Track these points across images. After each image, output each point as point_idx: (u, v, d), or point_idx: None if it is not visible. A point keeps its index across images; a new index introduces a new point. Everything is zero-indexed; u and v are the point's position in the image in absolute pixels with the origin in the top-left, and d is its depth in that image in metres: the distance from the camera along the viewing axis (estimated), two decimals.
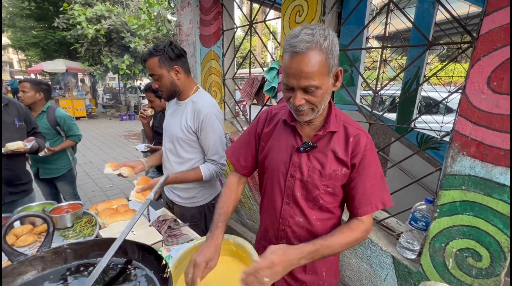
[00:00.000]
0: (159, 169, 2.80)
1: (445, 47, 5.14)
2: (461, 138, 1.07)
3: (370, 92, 5.37)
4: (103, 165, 5.35)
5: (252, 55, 2.06)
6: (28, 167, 1.99)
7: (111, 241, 0.71)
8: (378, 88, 1.86)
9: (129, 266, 0.68)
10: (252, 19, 1.94)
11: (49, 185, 2.54)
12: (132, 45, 9.22)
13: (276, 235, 1.00)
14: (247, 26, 2.00)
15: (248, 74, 2.11)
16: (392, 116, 4.57)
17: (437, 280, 1.20)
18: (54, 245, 0.70)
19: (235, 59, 2.33)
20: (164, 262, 0.65)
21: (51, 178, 2.47)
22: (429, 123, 4.32)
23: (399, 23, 4.07)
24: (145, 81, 19.33)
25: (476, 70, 1.01)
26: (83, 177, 4.70)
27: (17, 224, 1.37)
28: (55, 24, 10.25)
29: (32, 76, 13.06)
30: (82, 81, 12.71)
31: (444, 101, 3.84)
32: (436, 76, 6.74)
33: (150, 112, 2.25)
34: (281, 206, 0.94)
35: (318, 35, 0.69)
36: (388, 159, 3.86)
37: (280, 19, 1.73)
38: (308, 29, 0.70)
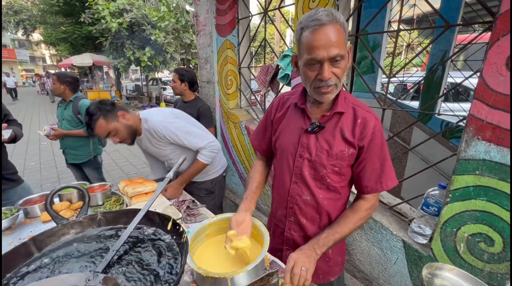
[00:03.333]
0: None
1: (481, 29, 4.75)
2: (477, 122, 1.05)
3: (392, 79, 5.12)
4: (129, 153, 5.70)
5: (268, 44, 2.07)
6: (10, 158, 1.94)
7: (136, 211, 0.81)
8: (400, 75, 1.80)
9: (155, 233, 0.78)
10: (266, 6, 1.95)
11: (79, 170, 2.79)
12: (152, 38, 9.46)
13: (285, 213, 1.06)
14: (263, 14, 2.01)
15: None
16: (416, 104, 4.38)
17: (448, 264, 1.21)
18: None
19: (253, 48, 2.35)
20: (181, 229, 0.73)
21: (78, 164, 2.71)
22: (456, 111, 4.09)
23: (426, 4, 3.82)
24: (166, 73, 19.80)
25: (495, 51, 0.97)
26: (111, 164, 5.04)
27: (56, 201, 1.56)
28: (82, 19, 10.74)
29: (63, 70, 13.90)
30: (107, 74, 13.32)
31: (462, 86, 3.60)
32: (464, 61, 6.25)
33: None
34: (290, 185, 1.00)
35: (334, 13, 0.74)
36: (407, 148, 3.74)
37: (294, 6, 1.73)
38: (322, 10, 0.75)
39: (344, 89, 0.92)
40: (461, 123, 1.37)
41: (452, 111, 4.17)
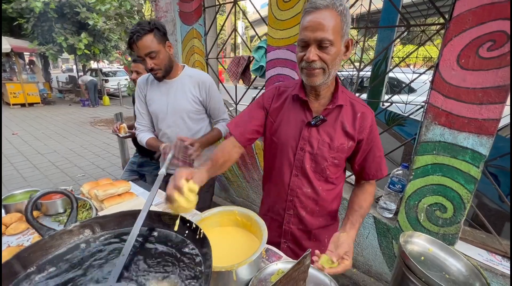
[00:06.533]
0: (141, 153, 2.72)
1: (409, 30, 5.50)
2: (434, 110, 1.23)
3: (340, 73, 5.63)
4: (70, 153, 5.01)
5: (238, 35, 2.04)
6: None
7: (135, 212, 0.74)
8: (349, 69, 2.01)
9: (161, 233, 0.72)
10: None
11: None
12: (90, 22, 8.33)
13: (284, 206, 1.06)
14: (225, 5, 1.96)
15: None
16: (362, 96, 4.87)
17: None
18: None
19: (223, 37, 2.28)
20: (194, 226, 0.70)
21: None
22: (394, 102, 4.69)
23: (367, 4, 4.22)
24: (106, 62, 17.75)
25: (448, 49, 1.15)
26: (50, 168, 4.37)
27: (2, 213, 1.30)
28: None
29: None
30: (32, 62, 11.29)
31: (406, 82, 4.18)
32: (398, 57, 7.21)
33: (124, 133, 2.17)
34: (290, 178, 1.00)
35: (335, 0, 0.76)
36: None
37: None
38: None
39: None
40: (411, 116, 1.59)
41: (392, 101, 4.76)
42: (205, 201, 1.66)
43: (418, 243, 1.10)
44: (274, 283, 0.52)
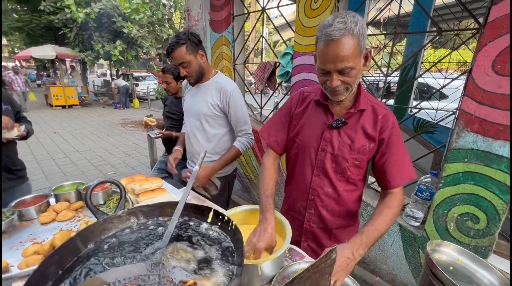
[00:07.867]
0: (170, 153, 2.87)
1: (441, 34, 5.27)
2: (466, 116, 1.20)
3: (366, 79, 5.50)
4: (103, 152, 5.39)
5: (266, 41, 2.11)
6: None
7: (173, 204, 0.82)
8: (375, 74, 1.99)
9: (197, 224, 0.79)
10: (264, 5, 1.99)
11: None
12: (125, 31, 8.96)
13: (305, 205, 1.10)
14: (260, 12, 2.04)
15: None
16: (388, 102, 4.72)
17: None
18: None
19: (250, 43, 2.38)
20: (226, 218, 0.76)
21: None
22: (422, 108, 4.49)
23: (396, 8, 4.11)
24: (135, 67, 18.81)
25: (483, 54, 1.13)
26: (85, 164, 4.73)
27: (53, 202, 1.46)
28: (41, 7, 9.81)
29: (17, 63, 12.55)
30: (72, 68, 12.33)
31: (436, 88, 3.99)
32: (429, 62, 6.89)
33: (150, 123, 2.36)
34: (311, 177, 1.04)
35: (349, 22, 0.75)
36: None
37: (291, 5, 1.79)
38: (340, 18, 0.77)
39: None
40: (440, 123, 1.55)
41: (422, 107, 4.57)
42: (218, 202, 1.70)
43: (447, 252, 1.07)
44: (302, 272, 0.55)
